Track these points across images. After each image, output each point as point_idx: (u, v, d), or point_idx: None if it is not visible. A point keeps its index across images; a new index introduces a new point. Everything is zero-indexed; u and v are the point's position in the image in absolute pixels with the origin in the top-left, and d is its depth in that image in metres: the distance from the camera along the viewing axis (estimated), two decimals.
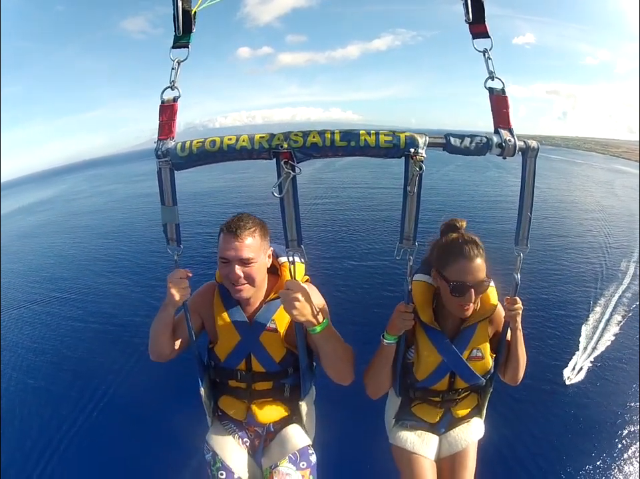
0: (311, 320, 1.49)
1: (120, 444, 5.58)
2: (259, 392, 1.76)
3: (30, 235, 20.51)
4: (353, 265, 11.46)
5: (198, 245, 11.89)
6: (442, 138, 1.33)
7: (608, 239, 14.33)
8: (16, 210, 32.90)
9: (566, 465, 5.35)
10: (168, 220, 1.50)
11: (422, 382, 1.77)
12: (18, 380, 7.44)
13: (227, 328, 1.70)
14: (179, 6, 1.38)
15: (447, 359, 1.70)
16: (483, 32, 1.37)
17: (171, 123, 1.43)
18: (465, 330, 1.70)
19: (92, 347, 8.30)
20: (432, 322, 1.69)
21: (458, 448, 1.83)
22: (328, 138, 1.31)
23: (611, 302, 9.53)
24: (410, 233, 1.41)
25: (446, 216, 1.81)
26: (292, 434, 1.82)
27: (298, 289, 1.46)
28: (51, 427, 6.10)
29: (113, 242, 16.17)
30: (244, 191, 23.99)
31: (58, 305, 10.63)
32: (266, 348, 1.69)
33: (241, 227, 1.56)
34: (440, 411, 1.85)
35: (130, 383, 6.54)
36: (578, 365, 7.26)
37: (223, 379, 1.79)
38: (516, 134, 1.34)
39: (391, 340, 1.62)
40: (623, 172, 38.81)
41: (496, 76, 1.36)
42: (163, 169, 1.41)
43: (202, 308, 1.75)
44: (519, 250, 1.50)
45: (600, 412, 6.15)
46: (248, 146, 1.33)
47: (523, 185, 1.43)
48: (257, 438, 1.87)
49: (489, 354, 1.74)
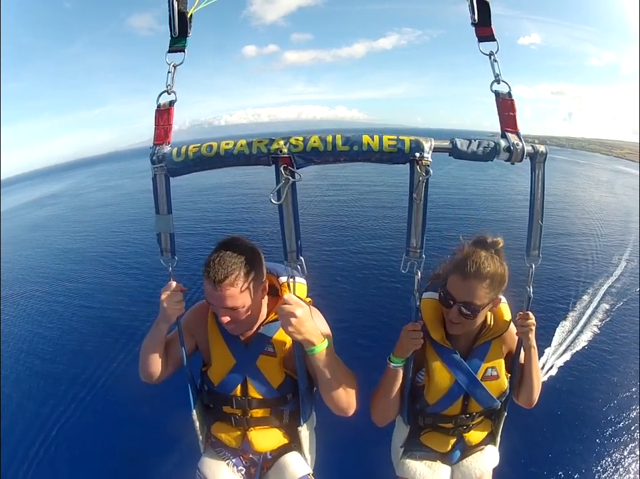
0: (308, 339, 1.37)
1: (109, 460, 5.45)
2: (255, 419, 1.64)
3: (39, 228, 20.98)
4: (359, 277, 10.92)
5: (194, 256, 11.93)
6: (448, 142, 1.29)
7: (600, 239, 14.43)
8: (25, 204, 33.58)
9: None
10: (162, 229, 1.45)
11: (433, 406, 1.66)
12: (15, 370, 7.46)
13: (222, 351, 1.59)
14: (175, 9, 1.36)
15: (460, 379, 1.59)
16: (489, 35, 1.37)
17: (168, 128, 1.40)
18: (478, 348, 1.61)
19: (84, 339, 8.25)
20: (443, 340, 1.60)
21: (472, 477, 1.71)
22: (329, 143, 1.27)
23: (596, 298, 9.57)
24: (417, 244, 1.34)
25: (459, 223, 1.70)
26: (290, 463, 1.69)
27: (295, 303, 1.35)
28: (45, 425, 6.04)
29: (119, 236, 16.39)
30: (243, 194, 23.90)
31: (60, 296, 10.68)
32: (263, 373, 1.57)
33: (219, 277, 1.36)
34: (452, 439, 1.74)
35: (121, 395, 6.40)
36: (548, 364, 7.26)
37: (216, 405, 1.67)
38: (522, 135, 1.31)
39: (398, 363, 1.53)
40: (625, 173, 39.36)
41: (502, 80, 1.34)
42: (159, 175, 1.38)
43: (195, 328, 1.64)
44: (531, 261, 1.42)
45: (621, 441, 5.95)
46: (246, 151, 1.29)
47: (533, 193, 1.37)
48: (253, 466, 1.75)
49: (505, 374, 1.63)
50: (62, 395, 6.83)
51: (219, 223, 17.11)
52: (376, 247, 13.02)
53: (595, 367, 7.41)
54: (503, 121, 1.34)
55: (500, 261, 1.49)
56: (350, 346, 7.11)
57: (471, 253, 1.49)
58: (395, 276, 9.57)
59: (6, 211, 28.82)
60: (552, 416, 6.08)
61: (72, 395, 6.84)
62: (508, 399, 1.67)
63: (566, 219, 17.17)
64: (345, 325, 7.99)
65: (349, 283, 10.46)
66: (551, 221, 15.93)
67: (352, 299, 9.56)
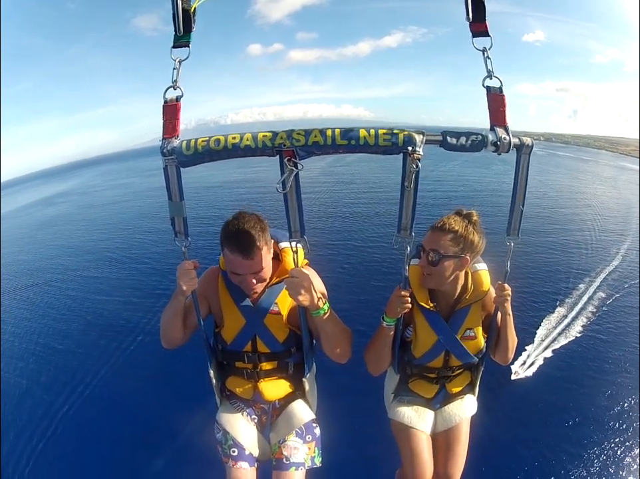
0: (315, 304, 1.59)
1: (131, 421, 5.80)
2: (265, 371, 1.85)
3: (48, 225, 21.52)
4: (355, 247, 11.86)
5: (204, 237, 12.24)
6: (439, 136, 1.38)
7: (599, 233, 14.61)
8: (34, 203, 33.65)
9: (552, 443, 5.43)
10: (176, 214, 1.54)
11: (419, 359, 1.89)
12: (14, 366, 7.70)
13: (233, 313, 1.78)
14: (179, 6, 1.38)
15: (442, 338, 1.81)
16: (484, 31, 1.39)
17: (175, 122, 1.44)
18: (459, 311, 1.81)
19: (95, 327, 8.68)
20: (427, 303, 1.80)
21: (452, 423, 1.95)
22: (329, 137, 1.35)
23: (592, 287, 9.77)
24: (407, 224, 1.48)
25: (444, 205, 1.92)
26: (297, 410, 1.91)
27: (302, 276, 1.55)
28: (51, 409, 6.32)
29: (129, 232, 16.90)
30: (247, 180, 24.33)
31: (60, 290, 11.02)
32: (270, 330, 1.78)
33: (247, 247, 1.57)
34: (436, 387, 1.97)
35: (136, 368, 6.67)
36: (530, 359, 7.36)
37: (230, 361, 1.88)
38: (527, 132, 1.38)
39: (390, 322, 1.73)
40: (629, 169, 38.98)
41: (494, 75, 1.40)
42: (170, 166, 1.44)
43: (208, 292, 1.81)
44: (511, 239, 1.59)
45: (596, 399, 6.19)
46: (252, 145, 1.36)
47: (517, 180, 1.49)
48: (264, 415, 1.96)
49: (482, 334, 1.86)
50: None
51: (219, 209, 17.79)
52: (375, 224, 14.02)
53: (587, 354, 7.61)
54: (493, 115, 1.40)
55: (473, 229, 1.68)
56: (344, 304, 7.88)
57: (448, 216, 1.71)
58: (389, 246, 10.40)
59: (16, 209, 29.12)
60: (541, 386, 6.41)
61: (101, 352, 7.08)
62: (485, 355, 1.90)
63: (568, 213, 17.29)
64: (340, 283, 8.93)
65: (346, 253, 11.53)
66: (554, 215, 16.05)
67: (349, 261, 10.63)
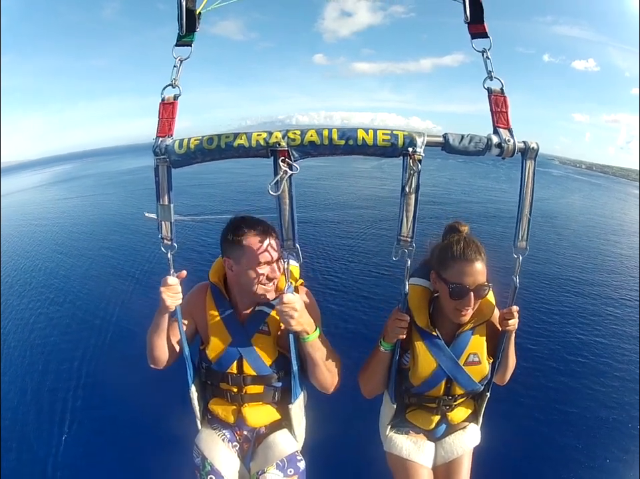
0: (304, 330, 1.52)
1: (106, 444, 5.55)
2: (249, 395, 1.73)
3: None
4: (350, 262, 11.56)
5: (193, 244, 12.07)
6: (441, 137, 1.32)
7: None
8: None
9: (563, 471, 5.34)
10: (163, 218, 1.49)
11: (417, 387, 1.74)
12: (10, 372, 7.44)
13: (219, 329, 1.68)
14: (183, 5, 1.38)
15: (443, 364, 1.67)
16: (482, 32, 1.38)
17: (171, 121, 1.43)
18: (461, 334, 1.68)
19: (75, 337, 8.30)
20: (428, 326, 1.67)
21: (454, 455, 1.81)
22: (326, 136, 1.30)
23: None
24: (407, 234, 1.38)
25: (448, 219, 1.78)
26: (280, 440, 1.78)
27: (295, 302, 1.47)
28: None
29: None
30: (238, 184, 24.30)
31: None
32: (258, 350, 1.67)
33: (265, 227, 1.59)
34: (436, 417, 1.83)
35: (117, 383, 6.49)
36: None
37: (213, 381, 1.77)
38: (582, 161, 1.28)
39: (388, 347, 1.63)
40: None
41: (495, 76, 1.36)
42: (161, 166, 1.41)
43: (194, 308, 1.74)
44: (518, 252, 1.47)
45: (600, 417, 6.11)
46: (245, 144, 1.32)
47: (522, 187, 1.40)
48: (246, 443, 1.84)
49: (487, 359, 1.72)
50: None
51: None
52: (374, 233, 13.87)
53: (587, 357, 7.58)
54: (496, 117, 1.36)
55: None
56: (340, 324, 7.55)
57: (460, 239, 1.58)
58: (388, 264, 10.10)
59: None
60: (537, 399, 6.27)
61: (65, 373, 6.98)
62: (490, 382, 1.75)
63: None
64: (335, 301, 8.61)
65: (342, 268, 11.23)
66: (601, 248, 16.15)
67: (345, 277, 10.33)
